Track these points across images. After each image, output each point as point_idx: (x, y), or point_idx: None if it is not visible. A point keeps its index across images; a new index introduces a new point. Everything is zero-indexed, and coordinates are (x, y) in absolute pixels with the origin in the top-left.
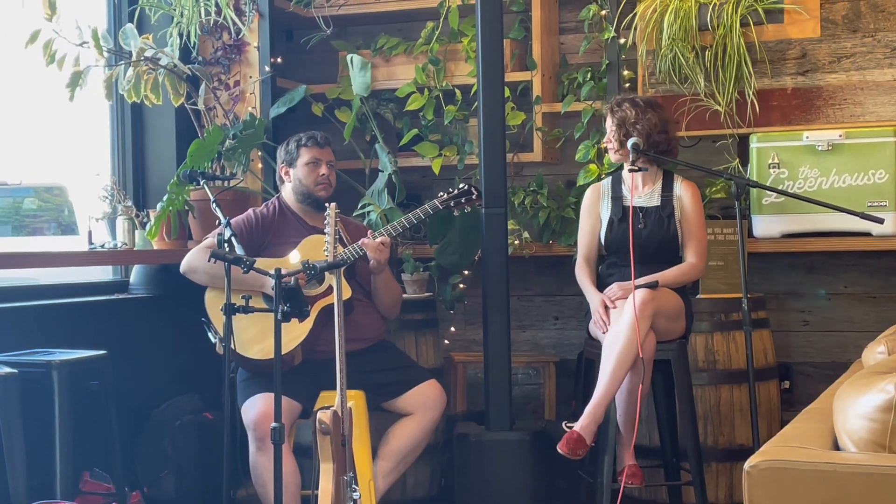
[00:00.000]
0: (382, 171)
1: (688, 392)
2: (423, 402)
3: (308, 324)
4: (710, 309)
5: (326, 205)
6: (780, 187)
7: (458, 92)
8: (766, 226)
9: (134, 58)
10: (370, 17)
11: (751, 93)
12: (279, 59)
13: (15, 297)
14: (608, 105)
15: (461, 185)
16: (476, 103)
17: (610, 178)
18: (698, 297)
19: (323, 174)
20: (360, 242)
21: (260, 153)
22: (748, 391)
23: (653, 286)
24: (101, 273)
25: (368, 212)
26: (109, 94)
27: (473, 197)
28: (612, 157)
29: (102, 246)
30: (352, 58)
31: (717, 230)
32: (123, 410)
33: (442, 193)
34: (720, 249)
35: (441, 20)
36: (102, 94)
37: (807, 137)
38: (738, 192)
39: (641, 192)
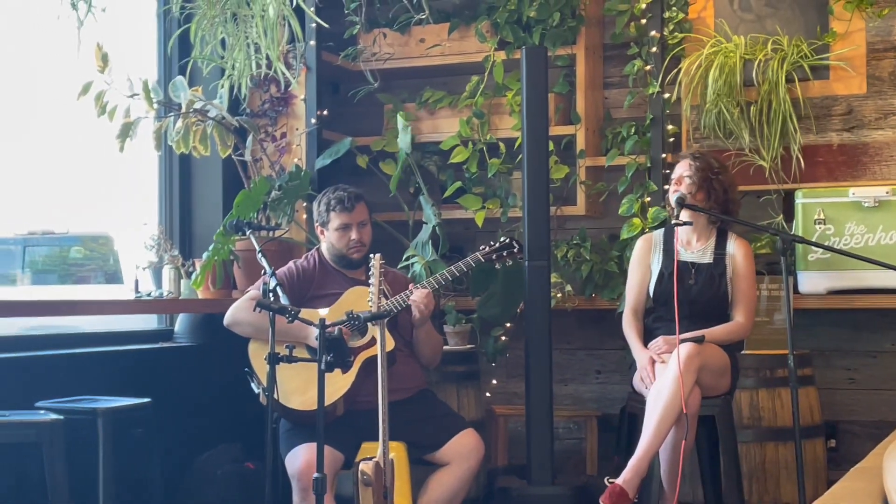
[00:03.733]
0: (426, 223)
1: (732, 449)
2: (459, 452)
3: (351, 376)
4: (755, 365)
5: (371, 256)
6: (825, 244)
7: (501, 145)
8: (811, 282)
9: (183, 109)
10: (416, 70)
11: (796, 148)
12: (325, 112)
13: (61, 345)
14: (686, 154)
15: (503, 239)
16: (520, 157)
17: (662, 230)
18: (743, 352)
19: (354, 239)
20: (405, 295)
21: (305, 204)
22: (794, 449)
23: (699, 341)
24: (145, 321)
25: (413, 263)
26: (158, 144)
27: (515, 250)
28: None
29: (149, 295)
30: (399, 116)
31: (762, 286)
32: (166, 458)
33: (484, 246)
34: (766, 305)
35: (486, 74)
36: (152, 144)
37: (853, 194)
38: (783, 248)
39: (694, 247)
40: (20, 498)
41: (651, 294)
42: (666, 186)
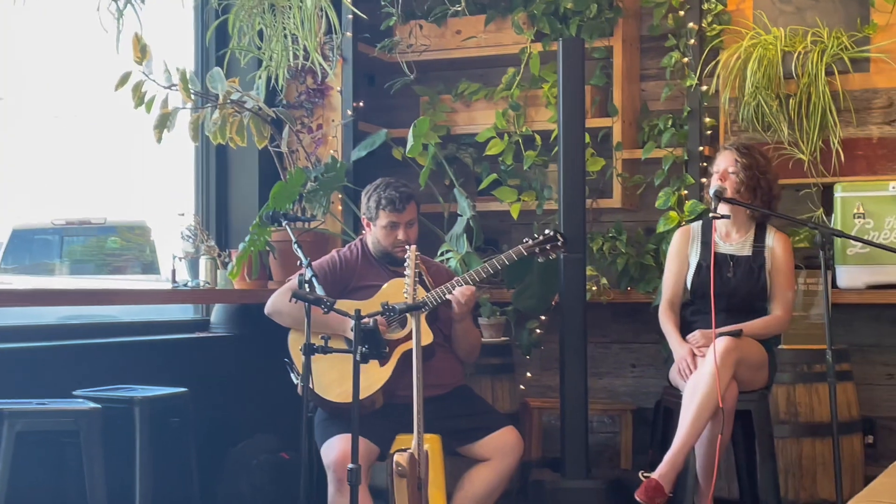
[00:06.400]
0: (461, 216)
1: (769, 444)
2: (500, 449)
3: (389, 368)
4: (792, 360)
5: (407, 247)
6: (865, 238)
7: (537, 137)
8: (850, 276)
9: (220, 100)
10: (452, 62)
11: (836, 141)
12: (361, 104)
13: (99, 334)
14: (730, 147)
15: (547, 232)
16: (556, 149)
17: (701, 222)
18: (780, 347)
19: (400, 239)
20: (445, 289)
21: (341, 196)
22: (831, 445)
23: (736, 335)
24: (182, 311)
25: (448, 258)
26: (195, 135)
27: (559, 244)
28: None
29: (186, 285)
30: (416, 123)
31: (800, 280)
32: (202, 448)
33: (527, 239)
34: (803, 300)
35: (522, 66)
36: (188, 135)
37: (893, 187)
38: (822, 242)
39: (734, 239)
40: (58, 485)
41: (689, 286)
42: (703, 179)
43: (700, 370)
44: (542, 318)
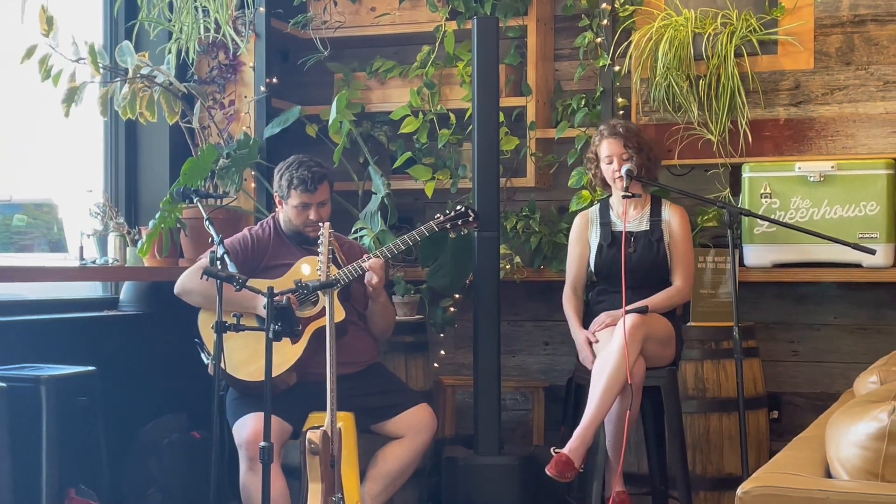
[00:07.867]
0: (375, 194)
1: (677, 419)
2: (413, 426)
3: (301, 346)
4: (700, 337)
5: (321, 225)
6: (771, 217)
7: (452, 116)
8: (757, 255)
9: (130, 75)
10: (366, 39)
11: (744, 122)
12: (274, 80)
13: (4, 312)
14: (612, 134)
15: (458, 207)
16: (470, 127)
17: (598, 205)
18: (689, 324)
19: (312, 219)
20: (357, 266)
21: (253, 173)
22: (737, 420)
23: (642, 311)
24: (91, 289)
25: (362, 236)
26: (104, 110)
27: (470, 219)
28: (619, 184)
29: (94, 262)
30: (337, 98)
31: (708, 259)
32: (111, 427)
33: (439, 215)
34: (711, 278)
35: (437, 44)
36: (97, 110)
37: (799, 168)
38: (730, 221)
39: (630, 216)
40: None
41: (592, 268)
42: (587, 165)
43: (608, 347)
44: (456, 296)
